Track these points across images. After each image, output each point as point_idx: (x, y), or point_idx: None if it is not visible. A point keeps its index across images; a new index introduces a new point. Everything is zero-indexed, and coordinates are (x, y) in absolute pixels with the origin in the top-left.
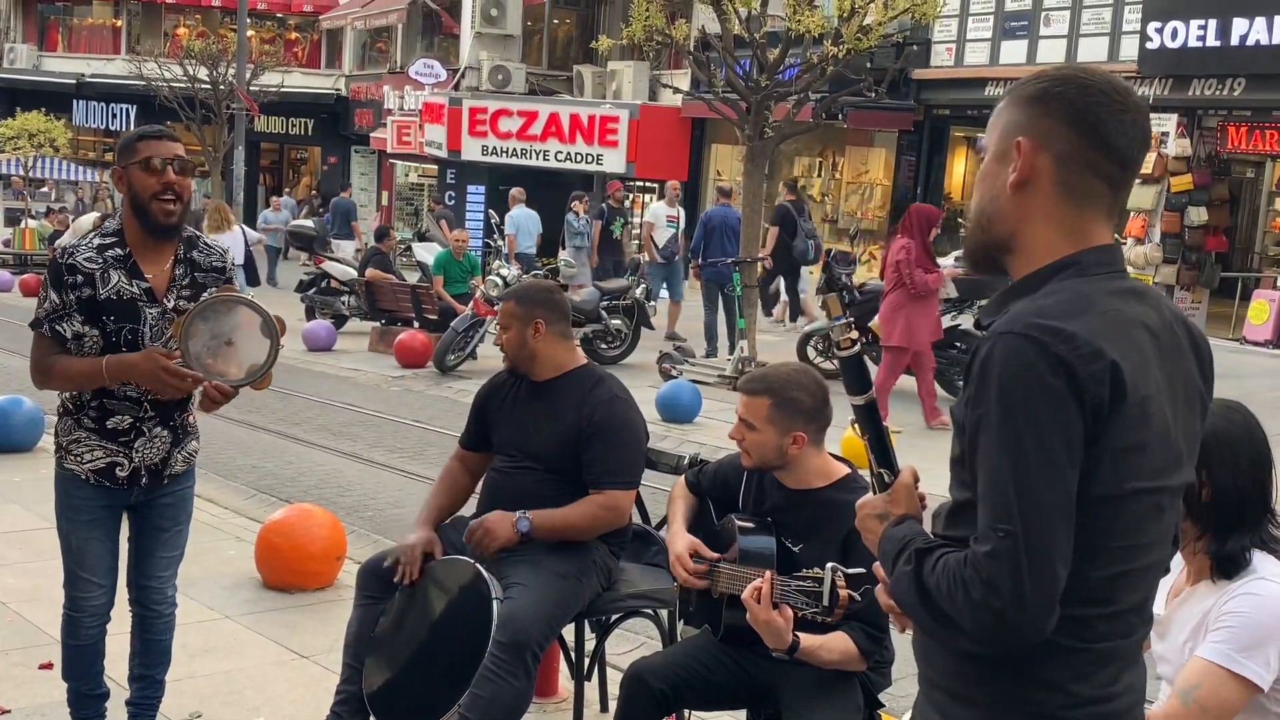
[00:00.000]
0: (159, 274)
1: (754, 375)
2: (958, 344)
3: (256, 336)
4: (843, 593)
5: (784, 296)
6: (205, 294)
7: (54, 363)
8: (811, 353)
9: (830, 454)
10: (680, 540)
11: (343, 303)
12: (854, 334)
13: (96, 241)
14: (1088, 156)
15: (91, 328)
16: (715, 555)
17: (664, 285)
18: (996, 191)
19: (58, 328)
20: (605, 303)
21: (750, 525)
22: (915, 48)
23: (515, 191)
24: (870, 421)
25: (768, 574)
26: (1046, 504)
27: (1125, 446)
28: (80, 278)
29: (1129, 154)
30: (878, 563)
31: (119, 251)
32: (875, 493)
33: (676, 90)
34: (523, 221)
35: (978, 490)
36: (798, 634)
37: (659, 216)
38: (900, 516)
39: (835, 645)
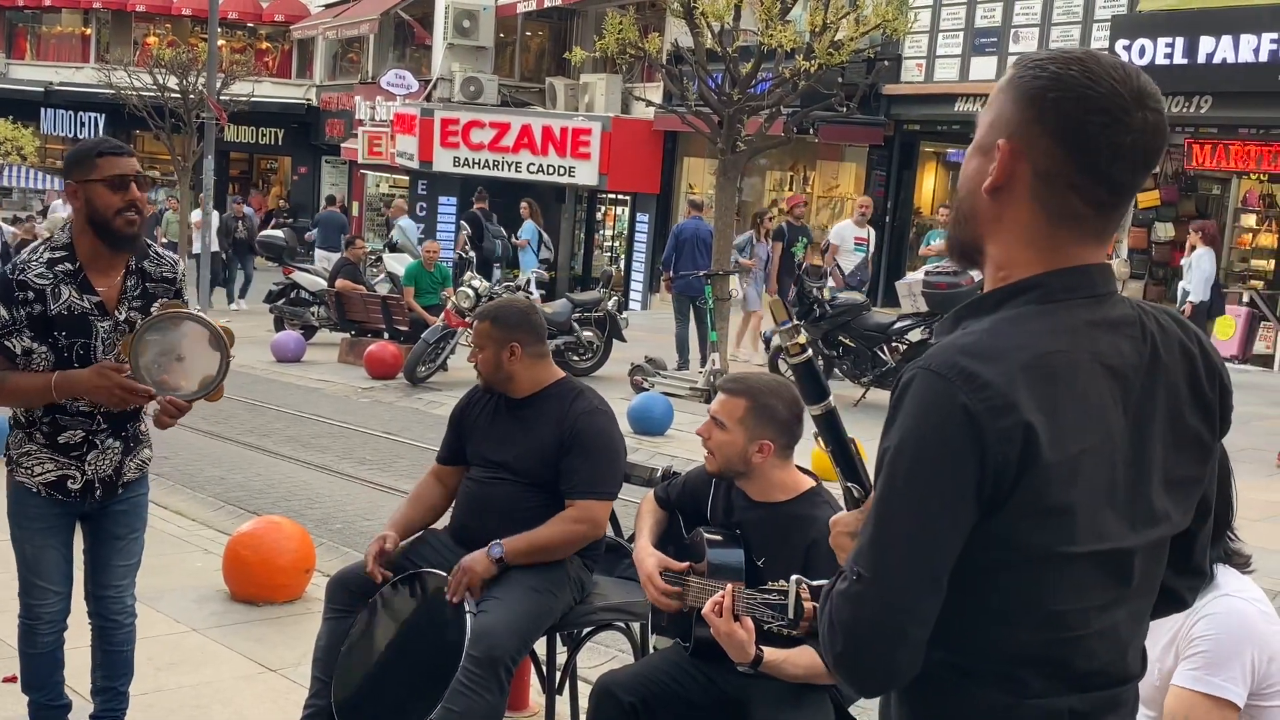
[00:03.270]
0: (110, 287)
1: (735, 376)
2: None
3: (205, 349)
4: (808, 605)
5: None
6: (153, 307)
7: (1, 379)
8: (783, 366)
9: (798, 467)
10: (649, 558)
11: (312, 313)
12: (802, 339)
13: (46, 256)
14: (1072, 180)
15: (40, 344)
16: (684, 566)
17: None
18: (974, 187)
19: (6, 344)
20: (577, 315)
21: (719, 538)
22: (886, 63)
23: (398, 203)
24: (831, 431)
25: (729, 587)
26: (905, 563)
27: (1047, 509)
28: (31, 294)
29: (1123, 180)
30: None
31: (69, 266)
32: (847, 508)
33: (649, 103)
34: (407, 230)
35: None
36: (761, 647)
37: (845, 238)
38: None
39: (801, 660)
